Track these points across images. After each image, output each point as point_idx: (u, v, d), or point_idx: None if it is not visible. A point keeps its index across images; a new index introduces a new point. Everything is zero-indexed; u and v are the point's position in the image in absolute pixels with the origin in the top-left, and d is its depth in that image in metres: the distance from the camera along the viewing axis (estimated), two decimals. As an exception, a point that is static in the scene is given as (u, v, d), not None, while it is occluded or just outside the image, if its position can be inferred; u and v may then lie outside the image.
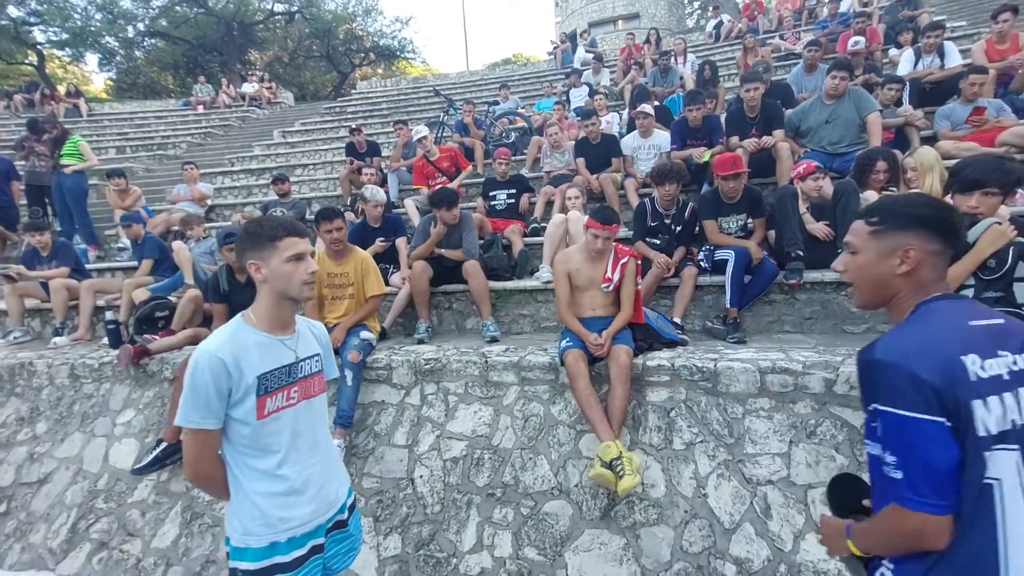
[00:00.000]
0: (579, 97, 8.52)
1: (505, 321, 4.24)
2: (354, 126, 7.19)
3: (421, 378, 3.32)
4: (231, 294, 3.72)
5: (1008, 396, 1.04)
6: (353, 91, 16.66)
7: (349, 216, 5.61)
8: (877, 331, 3.30)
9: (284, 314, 1.59)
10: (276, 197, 6.41)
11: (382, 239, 4.47)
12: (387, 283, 4.57)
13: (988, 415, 1.01)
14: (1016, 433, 1.03)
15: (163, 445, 3.52)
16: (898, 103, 5.10)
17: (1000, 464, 1.01)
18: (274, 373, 1.53)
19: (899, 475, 1.01)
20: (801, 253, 3.50)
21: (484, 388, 3.17)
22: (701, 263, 3.83)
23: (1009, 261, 2.17)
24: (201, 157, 11.10)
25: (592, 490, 2.68)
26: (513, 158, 7.20)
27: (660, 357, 2.92)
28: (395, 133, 6.88)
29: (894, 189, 3.84)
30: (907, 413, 1.00)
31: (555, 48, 14.45)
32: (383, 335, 4.20)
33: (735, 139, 4.78)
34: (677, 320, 3.60)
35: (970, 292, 2.24)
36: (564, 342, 2.97)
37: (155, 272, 5.45)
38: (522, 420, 3.01)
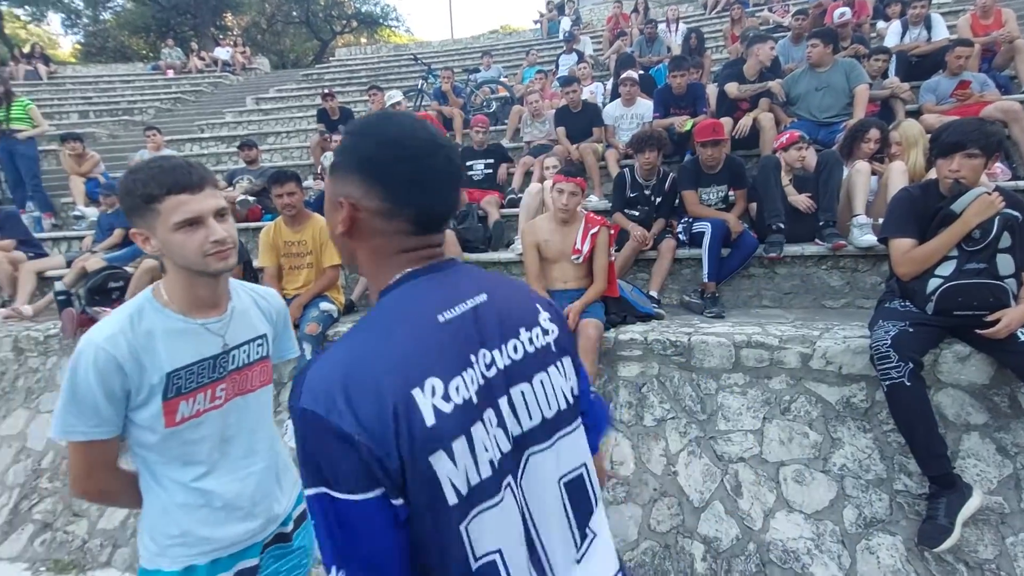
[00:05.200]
0: (567, 65, 8.26)
1: (478, 294, 4.09)
2: (326, 92, 6.86)
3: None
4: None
5: (479, 429, 0.66)
6: (331, 59, 16.05)
7: (319, 185, 5.38)
8: (856, 306, 3.23)
9: (202, 292, 1.19)
10: (244, 164, 6.12)
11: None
12: (356, 254, 4.40)
13: (456, 471, 0.63)
14: (498, 476, 0.67)
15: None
16: (884, 75, 4.98)
17: (490, 530, 0.66)
18: (191, 369, 1.16)
19: None
20: (782, 226, 3.38)
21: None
22: (680, 235, 3.71)
23: (994, 231, 2.07)
24: (170, 123, 10.63)
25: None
26: (494, 127, 6.99)
27: (633, 331, 2.80)
28: (370, 100, 6.56)
29: (884, 159, 3.74)
30: (337, 495, 0.60)
31: (541, 17, 14.03)
32: (350, 308, 4.03)
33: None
34: (654, 294, 3.49)
35: (952, 264, 2.14)
36: (533, 315, 2.83)
37: (124, 246, 5.23)
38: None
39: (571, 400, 0.80)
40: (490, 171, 5.24)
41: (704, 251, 3.40)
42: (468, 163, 5.33)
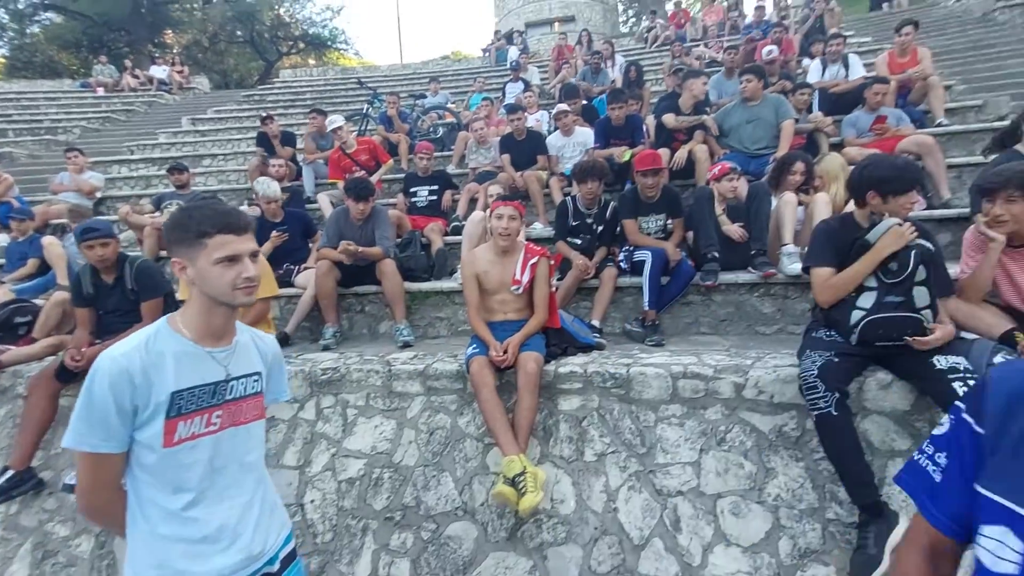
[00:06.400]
0: (514, 93, 8.37)
1: (420, 325, 3.98)
2: (265, 115, 6.65)
3: (317, 390, 3.00)
4: (96, 297, 3.23)
5: None
6: (276, 80, 15.70)
7: (253, 210, 5.15)
8: (787, 332, 3.32)
9: (216, 322, 1.31)
10: (173, 188, 5.80)
11: (279, 231, 4.09)
12: (292, 284, 4.21)
13: None
14: None
15: (9, 473, 3.02)
16: (809, 109, 5.29)
17: None
18: (193, 392, 1.25)
19: None
20: (717, 255, 3.47)
21: (387, 399, 2.90)
22: (621, 264, 3.74)
23: (911, 265, 2.16)
24: (97, 144, 10.05)
25: (499, 509, 2.48)
26: (441, 153, 6.96)
27: (573, 363, 2.76)
28: (311, 123, 6.41)
29: (810, 191, 3.91)
30: None
31: (490, 45, 14.27)
32: (284, 341, 3.84)
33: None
34: (596, 323, 3.48)
35: (873, 296, 2.22)
36: (471, 348, 2.75)
37: (37, 276, 4.84)
38: (427, 434, 2.76)
39: None
40: (434, 198, 5.18)
41: (644, 279, 3.44)
42: (412, 189, 5.26)
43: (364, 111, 8.10)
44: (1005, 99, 5.74)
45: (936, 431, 0.87)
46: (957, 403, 0.84)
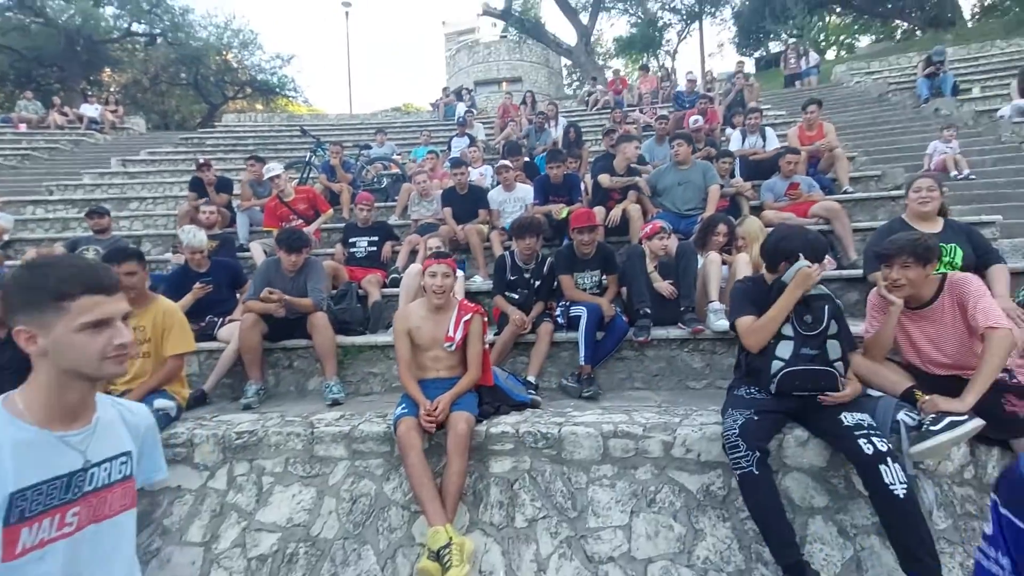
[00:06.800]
0: (459, 147, 8.57)
1: (353, 381, 3.82)
2: (201, 160, 6.44)
3: (231, 456, 2.77)
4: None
5: None
6: (217, 123, 15.41)
7: (176, 258, 4.90)
8: (716, 386, 3.41)
9: (71, 399, 1.09)
10: (91, 233, 5.44)
11: (203, 283, 3.88)
12: (214, 337, 3.96)
13: None
14: None
15: None
16: (732, 174, 5.69)
17: None
18: (41, 489, 1.03)
19: None
20: (649, 311, 3.57)
21: (308, 465, 2.71)
22: (558, 319, 3.77)
23: (824, 320, 2.29)
24: (13, 183, 9.42)
25: (424, 584, 2.32)
26: (384, 204, 6.95)
27: (506, 422, 2.70)
28: (248, 170, 6.26)
29: (732, 251, 4.13)
30: None
31: (439, 100, 14.70)
32: (201, 400, 3.57)
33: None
34: (532, 378, 3.45)
35: (791, 346, 2.31)
36: (399, 408, 2.64)
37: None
38: (349, 502, 2.58)
39: None
40: (374, 249, 5.13)
41: (580, 334, 3.47)
42: (352, 239, 5.19)
43: (307, 159, 8.02)
44: (900, 170, 6.41)
45: (985, 528, 0.87)
46: (992, 495, 0.86)
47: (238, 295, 4.24)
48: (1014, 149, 7.06)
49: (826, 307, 2.31)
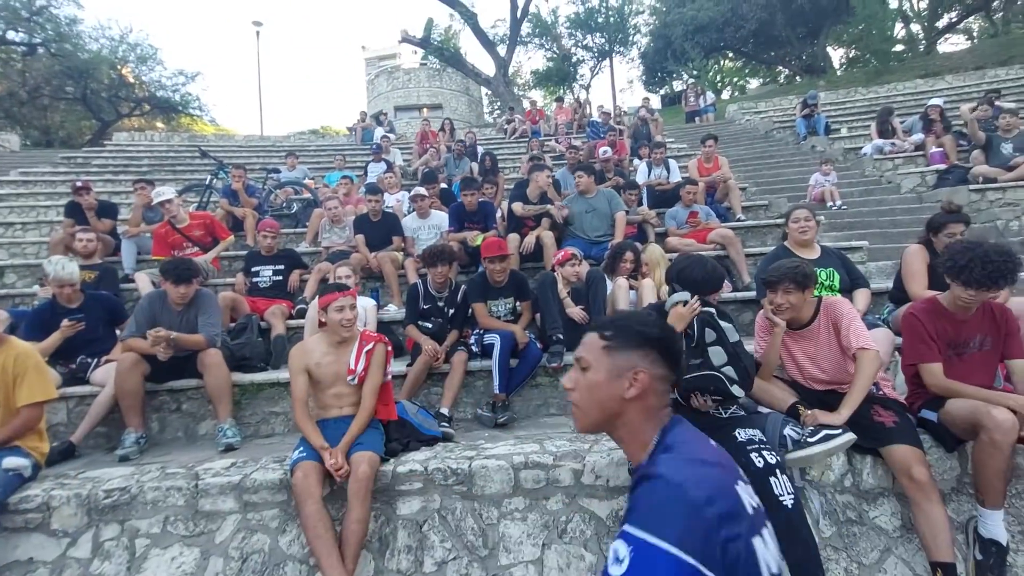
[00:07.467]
0: (375, 173, 8.40)
1: (252, 422, 3.53)
2: (79, 183, 5.82)
3: (97, 518, 2.43)
4: None
5: (762, 537, 0.95)
6: (107, 142, 14.13)
7: (44, 292, 4.34)
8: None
9: None
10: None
11: (72, 319, 3.46)
12: (87, 381, 3.53)
13: (767, 552, 0.92)
14: None
15: None
16: (640, 202, 6.00)
17: None
18: None
19: None
20: (561, 336, 3.61)
21: (190, 523, 2.43)
22: (472, 347, 3.73)
23: (696, 332, 2.41)
24: None
25: (322, 646, 2.13)
26: (295, 231, 6.63)
27: (414, 460, 2.59)
28: (135, 193, 5.75)
29: (639, 276, 4.31)
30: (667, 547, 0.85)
31: (356, 124, 14.43)
32: (69, 453, 3.15)
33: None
34: (445, 411, 3.35)
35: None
36: (297, 452, 2.46)
37: None
38: (239, 561, 2.34)
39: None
40: (279, 278, 4.85)
41: (494, 363, 3.44)
42: (254, 268, 4.87)
43: (207, 183, 7.51)
44: (784, 200, 7.07)
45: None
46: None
47: (117, 332, 3.81)
48: (875, 182, 8.03)
49: (696, 319, 2.42)
